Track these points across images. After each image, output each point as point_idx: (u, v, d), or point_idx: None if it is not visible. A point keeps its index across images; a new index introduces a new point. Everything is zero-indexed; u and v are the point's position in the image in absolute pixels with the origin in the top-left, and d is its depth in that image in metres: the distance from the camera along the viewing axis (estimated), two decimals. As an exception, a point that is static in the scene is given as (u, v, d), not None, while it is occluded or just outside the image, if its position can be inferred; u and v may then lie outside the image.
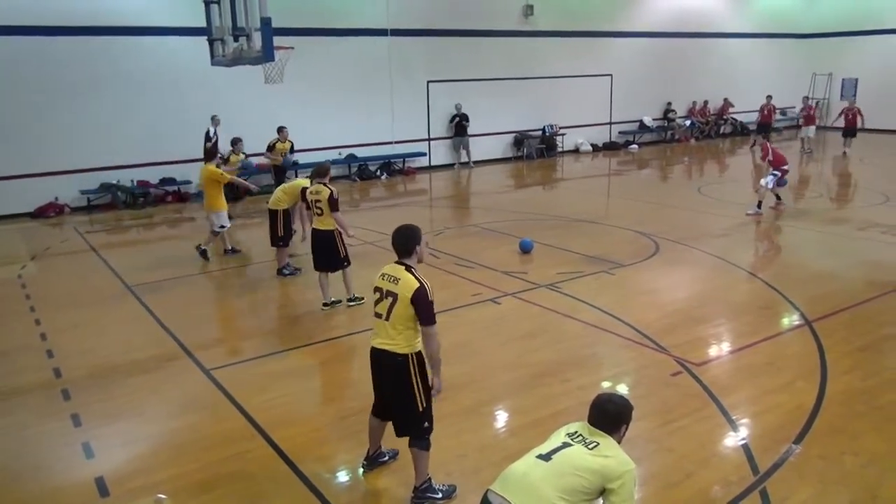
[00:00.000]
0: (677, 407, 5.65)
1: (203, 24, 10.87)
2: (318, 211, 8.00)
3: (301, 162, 17.48)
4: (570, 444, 3.11)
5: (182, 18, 14.72)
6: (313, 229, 8.19)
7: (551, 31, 21.31)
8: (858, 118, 20.95)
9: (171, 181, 16.03)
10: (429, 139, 19.70)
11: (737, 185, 16.42)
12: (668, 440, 5.16)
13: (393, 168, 19.23)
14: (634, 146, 23.66)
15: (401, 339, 4.27)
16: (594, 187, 17.71)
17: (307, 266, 10.28)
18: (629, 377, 6.37)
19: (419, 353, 4.33)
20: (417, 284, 4.21)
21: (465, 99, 19.76)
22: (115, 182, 15.37)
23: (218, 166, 10.68)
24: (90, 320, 8.23)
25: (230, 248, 10.98)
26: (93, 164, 15.16)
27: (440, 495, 4.47)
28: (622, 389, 6.08)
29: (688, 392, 5.93)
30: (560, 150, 22.37)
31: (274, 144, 14.83)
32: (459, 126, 19.81)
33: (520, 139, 21.56)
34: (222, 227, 10.69)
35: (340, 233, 8.08)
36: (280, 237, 9.67)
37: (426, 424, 4.39)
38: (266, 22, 9.05)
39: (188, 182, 16.20)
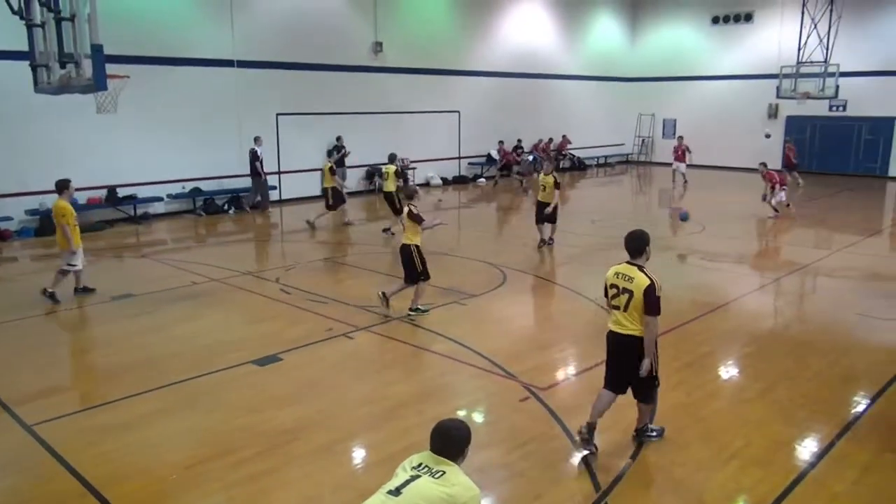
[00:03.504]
0: (526, 431, 5.87)
1: (25, 47, 10.04)
2: (402, 227, 9.15)
3: (140, 196, 16.58)
4: (418, 476, 3.14)
5: (2, 40, 13.50)
6: (401, 244, 9.02)
7: (400, 67, 21.81)
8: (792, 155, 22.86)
9: (-16, 218, 14.50)
10: (279, 172, 19.32)
11: (576, 216, 17.47)
12: (518, 465, 5.34)
13: (242, 202, 18.64)
14: (482, 180, 24.58)
15: (635, 325, 5.28)
16: (444, 219, 18.12)
17: (147, 307, 9.68)
18: (481, 405, 6.54)
19: None
20: (649, 282, 5.21)
21: (316, 132, 19.65)
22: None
23: None
24: None
25: (82, 286, 10.10)
26: None
27: (654, 433, 5.70)
28: (475, 418, 6.22)
29: (536, 416, 6.18)
30: (411, 183, 22.75)
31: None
32: (341, 159, 19.73)
33: (372, 172, 21.71)
34: (72, 265, 9.81)
35: (419, 248, 8.83)
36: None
37: (657, 384, 5.55)
38: (97, 49, 8.53)
39: (9, 218, 14.73)
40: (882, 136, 25.19)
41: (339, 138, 19.83)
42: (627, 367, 5.39)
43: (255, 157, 17.58)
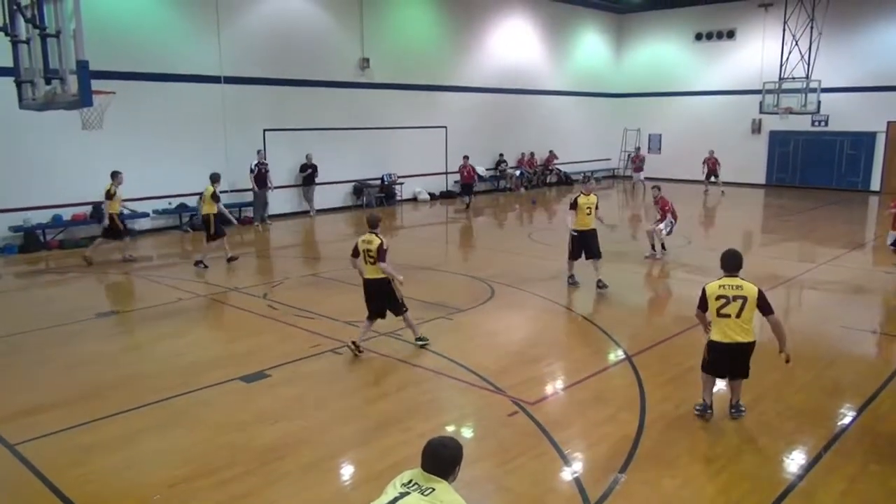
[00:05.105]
0: (514, 446, 5.85)
1: (9, 63, 9.98)
2: (371, 260, 7.95)
3: (125, 212, 16.44)
4: (407, 493, 3.12)
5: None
6: (366, 279, 8.10)
7: (387, 83, 21.90)
8: (717, 165, 24.36)
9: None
10: (267, 188, 19.25)
11: (563, 231, 17.52)
12: (506, 480, 5.31)
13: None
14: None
15: (750, 328, 5.99)
16: (432, 235, 18.17)
17: (131, 325, 9.60)
18: (468, 420, 6.51)
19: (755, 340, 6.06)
20: (758, 289, 6.00)
21: (303, 148, 19.63)
22: None
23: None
24: None
25: None
26: None
27: (744, 409, 6.40)
28: (463, 433, 6.19)
29: (524, 431, 6.16)
30: (399, 198, 22.80)
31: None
32: (309, 176, 19.64)
33: (359, 188, 21.73)
34: None
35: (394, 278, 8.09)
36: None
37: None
38: (83, 65, 8.49)
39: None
40: (863, 150, 25.53)
41: (308, 156, 19.61)
42: (738, 364, 6.15)
43: (251, 169, 18.14)
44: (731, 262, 6.18)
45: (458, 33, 24.29)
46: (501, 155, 26.25)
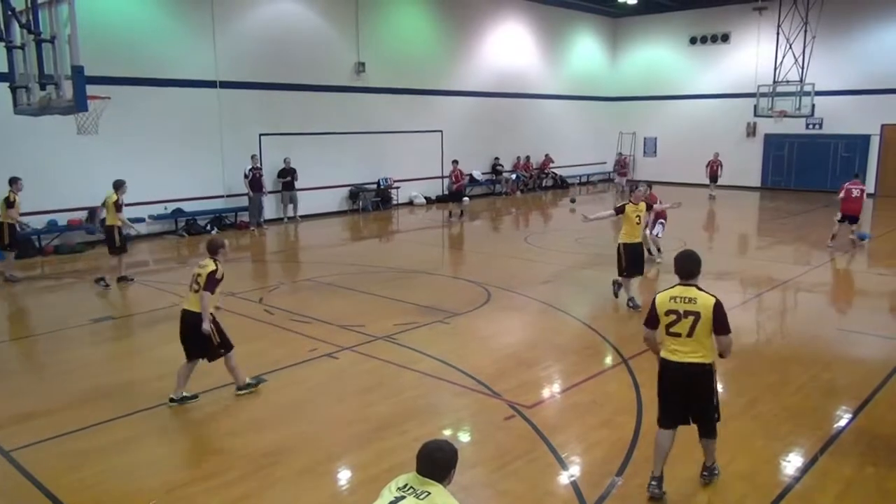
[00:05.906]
0: (511, 450, 5.84)
1: (4, 68, 9.98)
2: (196, 287, 6.72)
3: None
4: (402, 497, 3.12)
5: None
6: (183, 310, 6.92)
7: (383, 87, 21.93)
8: (719, 168, 24.75)
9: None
10: (262, 192, 19.25)
11: (559, 234, 17.58)
12: (503, 483, 5.31)
13: (224, 222, 18.56)
14: (466, 199, 24.61)
15: (704, 350, 4.85)
16: (428, 239, 18.16)
17: (127, 330, 9.57)
18: (465, 424, 6.51)
19: (713, 363, 4.93)
20: (714, 300, 4.81)
21: (299, 152, 19.61)
22: None
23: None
24: None
25: None
26: None
27: (717, 471, 5.28)
28: (459, 437, 6.19)
29: (520, 434, 6.15)
30: (395, 202, 22.80)
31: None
32: (288, 182, 19.44)
33: (355, 192, 21.73)
34: None
35: (214, 315, 6.82)
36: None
37: (717, 419, 5.08)
38: (78, 70, 8.50)
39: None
40: (857, 153, 25.61)
41: (286, 160, 19.33)
42: (695, 399, 4.97)
43: (245, 174, 18.28)
44: (684, 268, 4.97)
45: (454, 37, 24.34)
46: (497, 159, 26.29)
